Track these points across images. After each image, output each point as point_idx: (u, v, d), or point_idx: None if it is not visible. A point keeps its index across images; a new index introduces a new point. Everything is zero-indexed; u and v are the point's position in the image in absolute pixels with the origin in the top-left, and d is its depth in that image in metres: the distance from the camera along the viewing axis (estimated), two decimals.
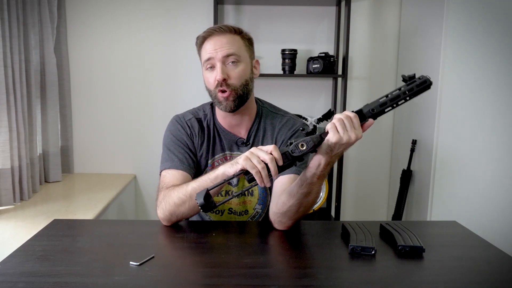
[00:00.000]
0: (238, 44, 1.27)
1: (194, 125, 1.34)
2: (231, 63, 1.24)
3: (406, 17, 2.65)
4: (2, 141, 1.97)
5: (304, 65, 2.60)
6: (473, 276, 0.95)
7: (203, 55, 1.27)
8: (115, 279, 0.90)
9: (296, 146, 1.01)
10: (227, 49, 1.23)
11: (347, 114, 1.04)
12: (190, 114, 1.37)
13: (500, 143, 2.21)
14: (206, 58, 1.25)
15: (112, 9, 2.64)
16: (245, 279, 0.91)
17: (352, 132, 1.02)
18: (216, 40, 1.25)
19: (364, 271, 0.97)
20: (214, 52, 1.24)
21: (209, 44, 1.25)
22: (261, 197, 1.35)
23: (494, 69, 2.16)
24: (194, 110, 1.40)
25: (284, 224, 1.18)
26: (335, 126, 1.02)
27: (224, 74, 1.23)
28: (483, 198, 2.23)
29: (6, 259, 0.99)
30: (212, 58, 1.24)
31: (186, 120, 1.35)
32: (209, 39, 1.26)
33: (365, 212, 2.92)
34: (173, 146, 1.31)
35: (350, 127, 1.02)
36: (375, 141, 2.85)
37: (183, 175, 1.26)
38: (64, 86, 2.59)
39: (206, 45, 1.26)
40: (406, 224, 1.17)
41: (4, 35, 1.95)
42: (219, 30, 1.26)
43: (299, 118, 1.41)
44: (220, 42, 1.24)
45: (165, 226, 1.22)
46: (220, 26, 1.27)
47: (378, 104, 1.06)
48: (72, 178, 2.62)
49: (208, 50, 1.25)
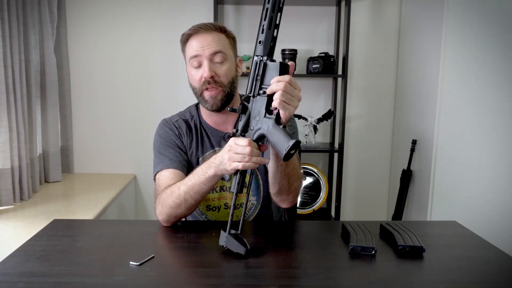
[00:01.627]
0: (224, 43, 1.28)
1: (182, 125, 1.36)
2: (218, 62, 1.25)
3: (406, 17, 2.65)
4: (2, 141, 1.97)
5: (304, 65, 2.60)
6: (473, 276, 0.95)
7: (189, 52, 1.27)
8: (115, 279, 0.90)
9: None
10: (214, 46, 1.24)
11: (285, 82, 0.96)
12: (177, 116, 1.40)
13: (500, 143, 2.21)
14: (192, 55, 1.26)
15: (112, 9, 2.64)
16: (245, 279, 0.91)
17: (295, 101, 0.98)
18: (203, 38, 1.25)
19: (364, 271, 0.97)
20: (201, 49, 1.24)
21: (195, 41, 1.26)
22: (254, 188, 1.36)
23: (494, 69, 2.16)
24: (180, 113, 1.43)
25: (286, 200, 1.21)
26: (283, 102, 0.96)
27: (212, 71, 1.24)
28: (483, 198, 2.23)
29: (6, 259, 0.99)
30: (199, 56, 1.24)
31: (173, 122, 1.38)
32: (195, 36, 1.26)
33: (365, 212, 2.92)
34: (163, 148, 1.33)
35: (294, 94, 0.97)
36: (375, 141, 2.85)
37: (175, 173, 1.28)
38: (64, 86, 2.59)
39: (192, 42, 1.26)
40: (406, 224, 1.17)
41: (4, 35, 1.95)
42: (204, 27, 1.26)
43: None
44: (206, 40, 1.25)
45: (165, 226, 1.22)
46: (206, 24, 1.27)
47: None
48: (72, 178, 2.62)
49: (194, 47, 1.25)
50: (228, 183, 1.35)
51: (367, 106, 2.82)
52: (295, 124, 1.41)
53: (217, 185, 1.35)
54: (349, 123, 2.80)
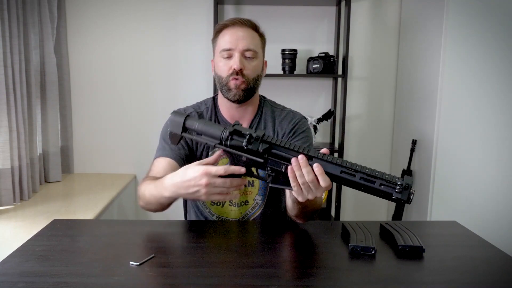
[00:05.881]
0: (257, 41, 1.31)
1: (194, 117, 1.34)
2: (248, 57, 1.28)
3: (406, 17, 2.65)
4: (2, 141, 1.97)
5: (304, 65, 2.60)
6: (473, 276, 0.95)
7: (221, 43, 1.29)
8: (115, 279, 0.90)
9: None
10: (248, 43, 1.27)
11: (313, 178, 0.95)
12: (191, 108, 1.40)
13: (500, 143, 2.21)
14: (225, 48, 1.27)
15: (112, 9, 2.64)
16: (245, 279, 0.91)
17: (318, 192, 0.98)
18: (238, 31, 1.28)
19: (364, 271, 0.97)
20: (235, 42, 1.26)
21: (230, 34, 1.28)
22: (262, 188, 1.37)
23: (494, 68, 2.16)
24: (196, 105, 1.42)
25: (302, 220, 1.22)
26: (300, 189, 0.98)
27: (242, 64, 1.26)
28: (483, 198, 2.23)
29: (6, 259, 0.99)
30: (232, 49, 1.26)
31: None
32: (230, 28, 1.29)
33: (365, 212, 2.92)
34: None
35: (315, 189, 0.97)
36: (375, 141, 2.85)
37: (171, 164, 1.28)
38: (64, 86, 2.59)
39: (226, 34, 1.28)
40: (406, 224, 1.17)
41: (4, 35, 1.95)
42: (242, 22, 1.29)
43: (298, 112, 1.44)
44: (241, 35, 1.27)
45: (164, 226, 1.22)
46: (243, 19, 1.30)
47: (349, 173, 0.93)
48: (72, 178, 2.62)
49: (228, 40, 1.27)
50: None
51: (367, 106, 2.82)
52: (311, 134, 1.41)
53: None
54: (349, 123, 2.80)
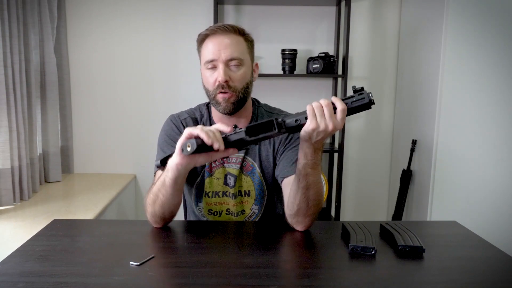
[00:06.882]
0: (242, 47, 1.24)
1: (190, 124, 1.32)
2: (233, 66, 1.22)
3: (406, 17, 2.65)
4: (2, 141, 1.97)
5: (304, 65, 2.60)
6: (473, 276, 0.95)
7: (205, 54, 1.24)
8: (115, 279, 0.90)
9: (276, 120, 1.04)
10: (231, 52, 1.20)
11: (328, 102, 1.01)
12: (186, 113, 1.37)
13: (500, 143, 2.21)
14: (208, 59, 1.22)
15: (112, 9, 2.64)
16: (245, 279, 0.91)
17: (330, 122, 1.00)
18: (220, 40, 1.21)
19: (364, 271, 0.97)
20: (217, 53, 1.20)
21: (212, 43, 1.22)
22: (258, 198, 1.35)
23: (494, 69, 2.16)
24: (190, 110, 1.39)
25: (302, 223, 1.16)
26: (313, 112, 1.00)
27: (226, 76, 1.20)
28: (483, 198, 2.23)
29: (6, 259, 0.99)
30: (215, 60, 1.21)
31: (181, 120, 1.34)
32: (212, 38, 1.22)
33: (365, 212, 2.92)
34: (166, 146, 1.31)
35: (329, 116, 1.00)
36: (375, 141, 2.85)
37: None
38: (64, 86, 2.59)
39: (209, 44, 1.22)
40: (406, 224, 1.17)
41: (4, 35, 1.95)
42: (223, 29, 1.22)
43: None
44: (224, 43, 1.21)
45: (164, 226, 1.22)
46: (224, 25, 1.23)
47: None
48: (72, 178, 2.62)
49: (210, 50, 1.21)
50: (232, 189, 1.33)
51: None
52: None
53: (220, 190, 1.33)
54: (349, 123, 2.80)
